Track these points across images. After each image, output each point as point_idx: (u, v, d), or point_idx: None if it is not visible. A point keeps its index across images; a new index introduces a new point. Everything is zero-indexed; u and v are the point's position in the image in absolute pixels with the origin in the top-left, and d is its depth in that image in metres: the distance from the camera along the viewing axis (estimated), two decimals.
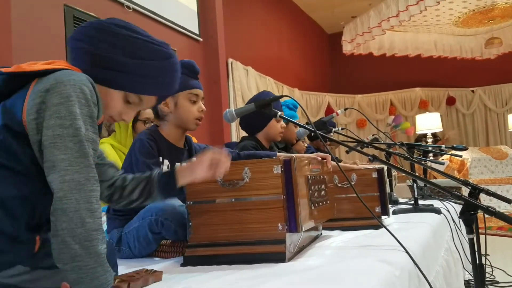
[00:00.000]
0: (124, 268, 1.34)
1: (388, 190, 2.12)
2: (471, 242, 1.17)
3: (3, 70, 0.92)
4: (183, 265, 1.30)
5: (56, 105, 0.85)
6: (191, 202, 1.32)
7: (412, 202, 2.41)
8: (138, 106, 1.06)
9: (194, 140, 1.97)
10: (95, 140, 0.89)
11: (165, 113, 1.72)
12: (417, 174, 2.28)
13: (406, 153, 2.33)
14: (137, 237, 1.50)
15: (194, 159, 1.23)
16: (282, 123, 2.38)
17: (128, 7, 3.70)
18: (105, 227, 1.92)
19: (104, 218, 1.91)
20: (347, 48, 7.57)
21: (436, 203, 2.56)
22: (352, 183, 1.85)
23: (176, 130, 1.73)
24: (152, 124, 2.72)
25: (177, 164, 1.26)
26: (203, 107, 1.75)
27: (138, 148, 1.60)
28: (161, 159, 1.63)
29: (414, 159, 2.13)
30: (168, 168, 1.67)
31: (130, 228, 1.53)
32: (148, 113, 2.74)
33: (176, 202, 1.45)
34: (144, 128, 2.70)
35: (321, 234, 1.69)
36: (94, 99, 0.91)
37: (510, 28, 7.53)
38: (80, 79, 0.89)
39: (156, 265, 1.34)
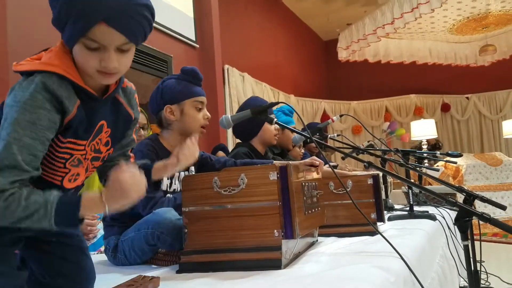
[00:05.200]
0: (120, 275, 1.34)
1: (383, 196, 2.12)
2: (466, 248, 1.18)
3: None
4: (178, 272, 1.30)
5: (6, 107, 0.93)
6: (187, 209, 1.32)
7: (407, 208, 2.42)
8: (102, 48, 0.96)
9: None
10: (31, 145, 0.91)
11: (171, 121, 1.71)
12: (412, 180, 2.29)
13: (401, 160, 2.34)
14: (132, 247, 1.50)
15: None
16: (275, 125, 2.37)
17: None
18: (101, 233, 1.92)
19: (100, 225, 1.91)
20: (343, 55, 7.61)
21: (431, 209, 2.57)
22: (348, 190, 1.85)
23: (179, 138, 1.72)
24: (141, 129, 2.71)
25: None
26: (208, 114, 1.75)
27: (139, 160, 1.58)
28: None
29: (409, 166, 2.14)
30: (167, 178, 1.67)
31: (126, 237, 1.53)
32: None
33: (173, 215, 1.44)
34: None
35: (317, 240, 1.69)
36: (37, 104, 0.92)
37: (504, 35, 7.60)
38: (31, 85, 0.93)
39: (152, 272, 1.34)
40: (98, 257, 1.75)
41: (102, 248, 1.75)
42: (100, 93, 1.06)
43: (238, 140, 2.58)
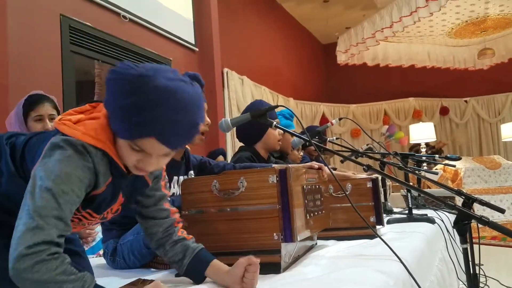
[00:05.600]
0: (119, 278, 1.33)
1: (382, 199, 2.13)
2: (465, 251, 1.18)
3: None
4: (177, 275, 1.30)
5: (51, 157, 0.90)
6: (187, 212, 1.32)
7: (406, 211, 2.42)
8: (146, 154, 0.96)
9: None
10: (74, 202, 0.89)
11: None
12: (411, 183, 2.29)
13: (400, 163, 2.34)
14: (131, 250, 1.49)
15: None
16: (279, 130, 2.38)
17: (125, 17, 3.72)
18: (100, 237, 1.92)
19: (99, 228, 1.90)
20: (342, 58, 7.63)
21: (430, 212, 2.57)
22: (347, 193, 1.86)
23: None
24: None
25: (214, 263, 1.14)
26: (208, 120, 1.75)
27: None
28: None
29: (408, 169, 2.15)
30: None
31: (124, 240, 1.52)
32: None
33: None
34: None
35: (316, 243, 1.69)
36: (86, 165, 0.92)
37: (502, 39, 7.62)
38: (79, 147, 0.92)
39: (151, 275, 1.34)
40: (96, 261, 1.74)
41: (101, 252, 1.75)
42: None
43: (236, 144, 2.57)
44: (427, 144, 6.93)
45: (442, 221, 2.30)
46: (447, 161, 2.77)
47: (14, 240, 0.82)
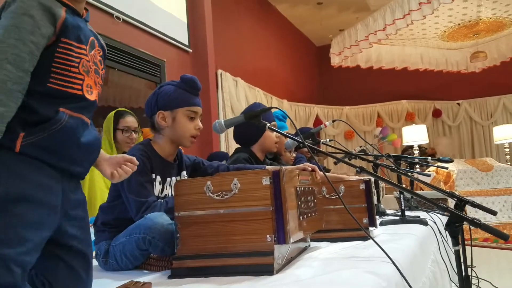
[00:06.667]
0: (112, 280, 1.33)
1: (375, 201, 2.13)
2: (457, 253, 1.19)
3: None
4: (170, 277, 1.29)
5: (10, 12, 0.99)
6: (179, 214, 1.32)
7: (399, 213, 2.43)
8: None
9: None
10: (32, 49, 0.97)
11: (162, 127, 1.71)
12: (404, 185, 2.30)
13: (393, 165, 2.35)
14: (123, 252, 1.49)
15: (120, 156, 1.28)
16: (276, 133, 2.38)
17: (118, 18, 3.70)
18: (92, 238, 1.90)
19: (91, 230, 1.89)
20: (335, 60, 7.65)
21: (422, 214, 2.58)
22: (340, 195, 1.86)
23: (170, 145, 1.72)
24: (132, 132, 2.71)
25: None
26: (200, 125, 1.74)
27: None
28: (153, 175, 1.62)
29: (401, 171, 2.15)
30: (159, 184, 1.66)
31: (117, 242, 1.52)
32: (129, 121, 2.71)
33: (164, 220, 1.44)
34: (123, 137, 2.69)
35: (309, 245, 1.69)
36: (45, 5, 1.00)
37: (494, 42, 7.69)
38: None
39: (144, 277, 1.33)
40: None
41: (93, 253, 1.73)
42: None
43: (230, 146, 2.57)
44: (420, 147, 6.97)
45: (435, 223, 2.31)
46: (439, 163, 2.78)
47: None
